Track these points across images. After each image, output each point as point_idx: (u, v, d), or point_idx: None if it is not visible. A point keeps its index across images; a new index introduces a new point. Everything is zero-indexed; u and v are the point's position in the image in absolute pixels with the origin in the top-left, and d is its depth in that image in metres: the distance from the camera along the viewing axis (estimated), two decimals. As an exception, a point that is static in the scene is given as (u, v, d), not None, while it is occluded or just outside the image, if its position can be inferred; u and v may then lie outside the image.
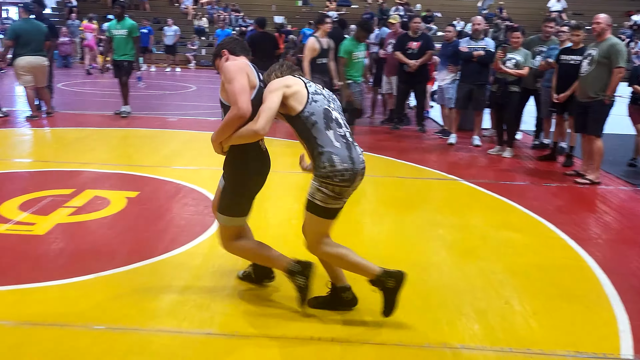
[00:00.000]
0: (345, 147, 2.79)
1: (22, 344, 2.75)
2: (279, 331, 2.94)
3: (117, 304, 3.16)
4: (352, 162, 2.77)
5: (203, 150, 7.50)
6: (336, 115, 2.87)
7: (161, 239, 4.18)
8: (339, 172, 2.74)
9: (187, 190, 5.43)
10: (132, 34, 9.17)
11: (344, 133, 2.84)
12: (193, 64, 20.41)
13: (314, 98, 2.83)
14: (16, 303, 3.13)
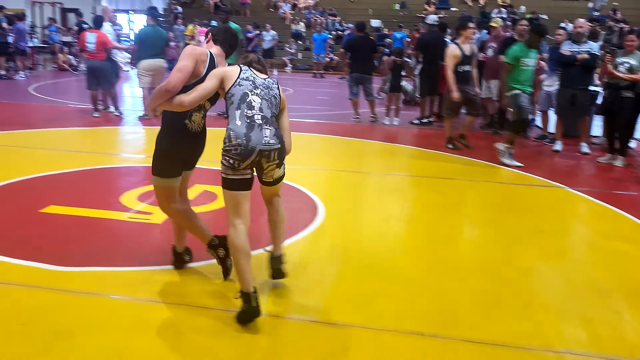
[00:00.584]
0: (246, 127, 3.08)
1: (145, 313, 3.09)
2: (383, 323, 3.09)
3: (229, 289, 3.45)
4: (247, 141, 3.04)
5: (301, 151, 7.83)
6: (253, 99, 3.17)
7: (261, 234, 4.45)
8: (232, 146, 3.06)
9: (287, 187, 5.71)
10: None
11: (252, 115, 3.12)
12: (289, 67, 21.06)
13: (239, 83, 3.19)
14: (143, 282, 3.50)
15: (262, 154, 3.09)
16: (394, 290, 3.53)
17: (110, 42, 9.30)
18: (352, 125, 9.70)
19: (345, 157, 7.50)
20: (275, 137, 3.15)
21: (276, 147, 3.14)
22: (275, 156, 3.16)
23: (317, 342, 2.91)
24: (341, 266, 3.87)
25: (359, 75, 9.67)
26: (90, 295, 3.30)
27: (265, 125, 3.13)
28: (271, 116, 3.20)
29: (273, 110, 3.24)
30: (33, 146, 7.18)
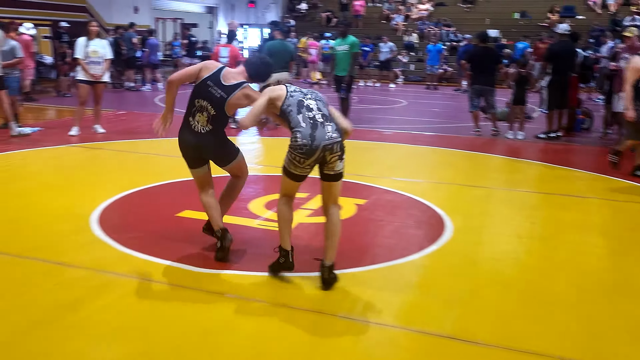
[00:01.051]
0: (310, 127, 3.50)
1: (286, 321, 3.22)
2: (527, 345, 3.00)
3: (361, 298, 3.51)
4: (312, 140, 3.46)
5: (422, 164, 7.80)
6: (309, 103, 3.64)
7: (392, 245, 4.49)
8: (298, 146, 3.49)
9: (411, 201, 5.71)
10: (352, 50, 9.85)
11: (312, 115, 3.56)
12: (401, 79, 21.02)
13: (290, 95, 3.66)
14: (272, 287, 3.65)
15: (326, 148, 3.50)
16: (533, 311, 3.42)
17: (241, 55, 9.79)
18: (473, 139, 9.50)
19: (468, 171, 7.37)
20: (337, 131, 3.59)
21: (338, 140, 3.56)
22: (337, 148, 3.55)
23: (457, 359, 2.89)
24: (474, 283, 3.81)
25: (480, 87, 9.48)
26: (230, 297, 3.49)
27: (327, 122, 3.58)
28: (329, 113, 3.67)
29: (327, 108, 3.71)
30: (164, 154, 7.71)
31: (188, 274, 3.80)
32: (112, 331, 3.06)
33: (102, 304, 3.35)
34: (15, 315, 3.16)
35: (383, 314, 3.32)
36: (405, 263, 4.12)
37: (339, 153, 3.56)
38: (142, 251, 4.13)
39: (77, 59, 8.56)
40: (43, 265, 3.84)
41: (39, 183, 6.00)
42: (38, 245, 4.19)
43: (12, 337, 2.94)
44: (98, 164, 7.14)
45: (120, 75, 16.25)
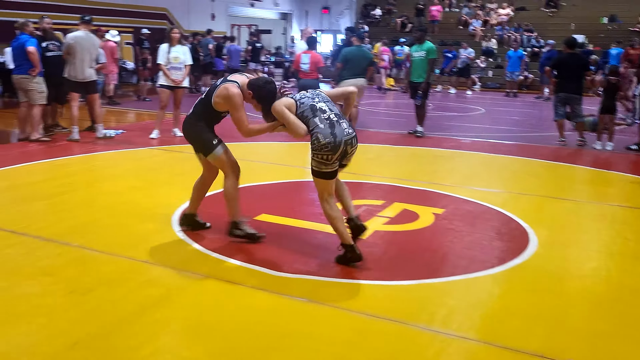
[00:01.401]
0: (329, 126, 3.89)
1: (364, 330, 3.23)
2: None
3: (440, 309, 3.47)
4: (334, 137, 3.85)
5: (502, 173, 7.62)
6: (320, 106, 3.99)
7: (472, 256, 4.41)
8: (323, 145, 3.84)
9: (492, 211, 5.59)
10: (429, 56, 9.76)
11: (327, 116, 3.94)
12: (478, 85, 20.62)
13: (301, 102, 4.01)
14: (354, 295, 3.67)
15: (347, 142, 3.91)
16: (628, 332, 3.27)
17: (322, 61, 9.91)
18: (557, 149, 9.19)
19: (552, 183, 7.13)
20: (350, 127, 4.03)
21: (354, 134, 4.03)
22: (355, 141, 4.02)
23: (544, 377, 2.81)
24: (560, 300, 3.69)
25: (566, 95, 9.17)
26: (307, 302, 3.54)
27: (340, 119, 3.99)
28: (338, 110, 4.06)
29: (336, 107, 4.11)
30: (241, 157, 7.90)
31: (267, 277, 3.89)
32: (194, 329, 3.18)
33: (185, 303, 3.49)
34: (105, 311, 3.34)
35: (464, 327, 3.28)
36: (486, 276, 4.04)
37: (356, 145, 4.04)
38: (222, 253, 4.26)
39: (159, 65, 8.95)
40: (130, 263, 4.04)
41: (123, 183, 6.31)
42: (125, 243, 4.41)
43: (101, 332, 3.10)
44: (178, 166, 7.41)
45: (197, 80, 16.81)
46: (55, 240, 4.38)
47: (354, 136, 4.01)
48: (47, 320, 3.19)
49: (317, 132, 3.86)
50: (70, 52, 8.37)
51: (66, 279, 3.73)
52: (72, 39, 8.37)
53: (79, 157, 7.57)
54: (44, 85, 8.33)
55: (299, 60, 9.87)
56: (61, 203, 5.42)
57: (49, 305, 3.36)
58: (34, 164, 7.07)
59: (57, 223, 4.83)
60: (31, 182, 6.24)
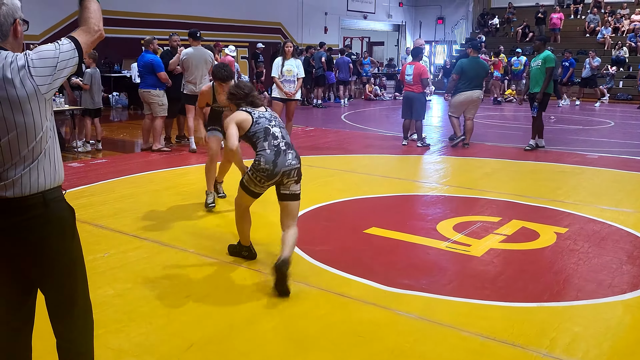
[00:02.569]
0: (274, 154, 3.94)
1: (480, 353, 3.12)
2: None
3: (564, 335, 3.28)
4: (274, 167, 3.92)
5: (634, 192, 7.10)
6: (274, 131, 4.04)
7: (600, 279, 4.13)
8: (261, 169, 3.94)
9: (622, 232, 5.22)
10: (546, 65, 9.32)
11: (277, 143, 3.99)
12: (607, 97, 19.39)
13: (257, 121, 4.03)
14: (469, 315, 3.56)
15: (284, 173, 3.96)
16: None
17: (427, 73, 9.83)
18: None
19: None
20: (296, 159, 4.05)
21: (297, 167, 4.03)
22: (294, 174, 4.02)
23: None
24: None
25: None
26: (419, 320, 3.48)
27: (289, 149, 4.03)
28: (289, 140, 4.11)
29: (288, 134, 4.16)
30: (351, 170, 7.99)
31: (377, 291, 3.87)
32: (302, 340, 3.23)
33: (294, 313, 3.55)
34: (219, 316, 3.48)
35: (590, 355, 3.07)
36: (616, 302, 3.77)
37: (295, 178, 4.01)
38: (331, 265, 4.30)
39: (273, 77, 9.27)
40: (244, 271, 4.19)
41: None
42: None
43: (215, 336, 3.24)
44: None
45: (309, 93, 17.20)
46: (174, 246, 4.64)
47: (296, 168, 4.01)
48: (165, 321, 3.37)
49: (262, 155, 3.94)
50: (185, 67, 8.91)
51: (183, 283, 3.94)
52: (184, 55, 8.92)
53: (197, 167, 7.98)
54: (165, 98, 8.91)
55: (404, 72, 9.84)
56: (179, 210, 5.73)
57: (167, 307, 3.56)
58: (156, 172, 7.55)
59: (176, 229, 5.11)
60: (153, 189, 6.67)
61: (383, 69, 22.68)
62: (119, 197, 6.18)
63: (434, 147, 10.04)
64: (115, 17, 15.03)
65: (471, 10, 27.06)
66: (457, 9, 27.14)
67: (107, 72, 14.52)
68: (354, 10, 24.26)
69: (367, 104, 18.46)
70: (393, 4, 26.52)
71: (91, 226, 5.12)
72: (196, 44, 9.06)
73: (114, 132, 11.18)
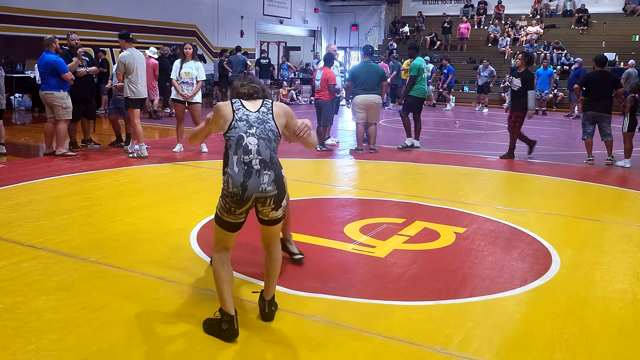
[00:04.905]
0: (243, 174, 3.13)
1: (379, 353, 3.15)
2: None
3: (458, 331, 3.38)
4: (243, 191, 3.11)
5: (528, 193, 7.47)
6: (249, 142, 3.17)
7: (493, 277, 4.30)
8: (229, 193, 3.15)
9: (515, 231, 5.48)
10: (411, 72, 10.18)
11: (249, 160, 3.15)
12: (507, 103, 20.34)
13: (235, 125, 3.20)
14: (371, 316, 3.60)
15: (258, 200, 3.18)
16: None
17: (334, 79, 9.93)
18: (585, 168, 9.00)
19: (579, 203, 6.97)
20: (273, 183, 3.18)
21: (272, 194, 3.19)
22: (270, 202, 3.22)
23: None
24: (583, 323, 3.56)
25: (595, 113, 9.00)
26: (322, 322, 3.47)
27: (264, 170, 3.16)
28: (270, 157, 3.19)
29: (272, 147, 3.22)
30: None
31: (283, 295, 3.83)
32: (211, 345, 3.14)
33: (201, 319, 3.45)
34: (116, 327, 3.32)
35: (481, 350, 3.18)
36: (507, 297, 3.93)
37: (273, 206, 3.23)
38: (238, 270, 4.22)
39: (171, 80, 9.12)
40: (145, 280, 4.04)
41: (145, 199, 6.35)
42: (142, 259, 4.41)
43: (111, 349, 3.09)
44: (200, 182, 7.45)
45: (224, 97, 16.98)
46: (73, 255, 4.41)
47: (271, 196, 3.19)
48: (58, 335, 3.18)
49: (228, 175, 3.15)
50: (128, 70, 8.53)
51: (80, 294, 3.74)
52: (129, 57, 8.53)
53: (103, 172, 7.66)
54: (70, 101, 8.49)
55: (314, 78, 9.94)
56: (81, 217, 5.47)
57: (61, 320, 3.36)
58: (58, 178, 7.17)
59: (76, 237, 4.86)
60: (54, 196, 6.32)
61: (299, 74, 22.76)
62: (15, 204, 5.81)
63: (344, 151, 10.15)
64: (18, 15, 14.24)
65: (383, 18, 27.72)
66: (370, 16, 27.72)
67: (9, 73, 13.69)
68: (270, 15, 24.24)
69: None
70: (309, 10, 26.73)
71: (-18, 236, 4.78)
72: (129, 45, 8.68)
73: (16, 136, 10.56)
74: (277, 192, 3.20)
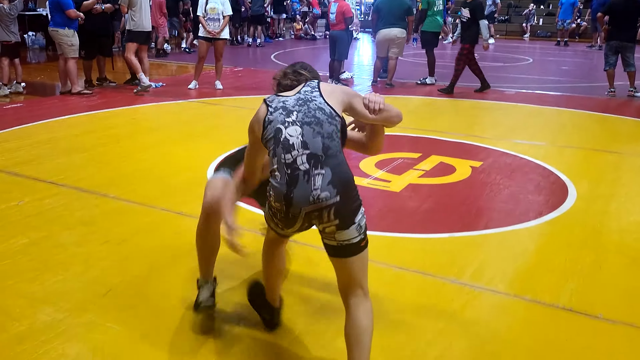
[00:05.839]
0: (287, 181, 2.15)
1: (393, 283, 3.23)
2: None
3: (471, 262, 3.43)
4: (288, 205, 2.16)
5: (547, 126, 7.39)
6: (289, 133, 2.21)
7: (508, 210, 4.33)
8: (272, 208, 2.25)
9: (532, 165, 5.45)
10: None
11: (291, 159, 2.16)
12: (527, 35, 19.86)
13: (269, 118, 2.28)
14: (387, 248, 3.66)
15: (311, 215, 2.17)
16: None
17: (350, 11, 9.70)
18: (606, 100, 8.84)
19: (598, 135, 6.90)
20: (330, 187, 2.14)
21: (330, 202, 2.13)
22: (330, 215, 2.15)
23: (574, 333, 2.76)
24: (597, 254, 3.59)
25: (619, 43, 8.74)
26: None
27: (315, 168, 2.15)
28: (323, 147, 2.18)
29: (324, 133, 2.22)
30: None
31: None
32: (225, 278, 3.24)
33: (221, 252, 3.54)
34: (138, 260, 3.43)
35: (494, 281, 3.24)
36: (521, 229, 3.97)
37: (336, 222, 2.17)
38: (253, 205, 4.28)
39: (197, 16, 8.94)
40: (164, 214, 4.13)
41: (161, 136, 6.40)
42: (160, 195, 4.49)
43: (134, 280, 3.20)
44: (215, 119, 7.46)
45: (237, 32, 16.71)
46: (93, 192, 4.50)
47: (329, 206, 2.14)
48: (82, 268, 3.30)
49: (271, 184, 2.22)
50: (132, 2, 8.44)
51: (102, 228, 3.84)
52: None
53: (119, 110, 7.69)
54: (76, 38, 8.38)
55: (329, 10, 9.72)
56: (100, 155, 5.55)
57: (85, 254, 3.47)
58: (75, 116, 7.23)
59: (96, 175, 4.95)
60: (72, 134, 6.40)
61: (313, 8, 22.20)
62: (35, 142, 5.89)
63: (360, 86, 10.04)
64: (28, -49, 13.93)
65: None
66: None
67: (21, 10, 13.55)
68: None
69: (297, 43, 18.17)
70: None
71: (4, 174, 4.89)
72: None
73: (32, 75, 10.56)
74: (340, 199, 2.15)
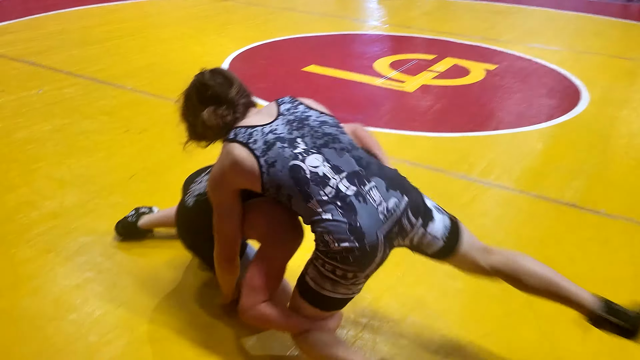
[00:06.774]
0: (342, 215, 1.67)
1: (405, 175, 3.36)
2: None
3: (480, 160, 3.55)
4: (362, 237, 1.66)
5: (564, 31, 7.28)
6: (311, 165, 1.74)
7: (519, 112, 4.39)
8: (337, 253, 1.68)
9: (546, 69, 5.45)
10: None
11: (334, 192, 1.70)
12: None
13: (267, 160, 1.76)
14: (398, 144, 3.77)
15: (391, 235, 1.72)
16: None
17: None
18: (627, 6, 8.61)
19: (615, 41, 6.79)
20: (391, 190, 1.75)
21: (403, 206, 1.74)
22: (411, 219, 1.77)
23: (576, 226, 2.92)
24: (604, 156, 3.69)
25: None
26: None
27: (363, 183, 1.74)
28: (356, 161, 1.79)
29: (345, 145, 1.84)
30: (292, 8, 7.78)
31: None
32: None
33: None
34: (158, 149, 3.55)
35: (502, 178, 3.36)
36: (531, 131, 4.05)
37: (420, 222, 1.80)
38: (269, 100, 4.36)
39: None
40: (181, 106, 4.21)
41: (174, 31, 6.36)
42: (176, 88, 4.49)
43: (155, 167, 3.34)
44: (227, 15, 7.36)
45: None
46: (110, 83, 4.57)
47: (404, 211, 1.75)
48: (106, 154, 3.44)
49: (323, 227, 1.68)
50: None
51: (122, 118, 3.95)
52: None
53: (130, 3, 7.59)
54: None
55: None
56: (114, 48, 5.56)
57: (107, 141, 3.60)
58: (86, 8, 7.14)
59: (112, 67, 5.00)
60: (84, 26, 6.36)
61: None
62: (47, 33, 5.89)
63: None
64: None
65: None
66: None
67: None
68: None
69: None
70: None
71: (20, 63, 4.94)
72: None
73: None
74: (408, 196, 1.79)
